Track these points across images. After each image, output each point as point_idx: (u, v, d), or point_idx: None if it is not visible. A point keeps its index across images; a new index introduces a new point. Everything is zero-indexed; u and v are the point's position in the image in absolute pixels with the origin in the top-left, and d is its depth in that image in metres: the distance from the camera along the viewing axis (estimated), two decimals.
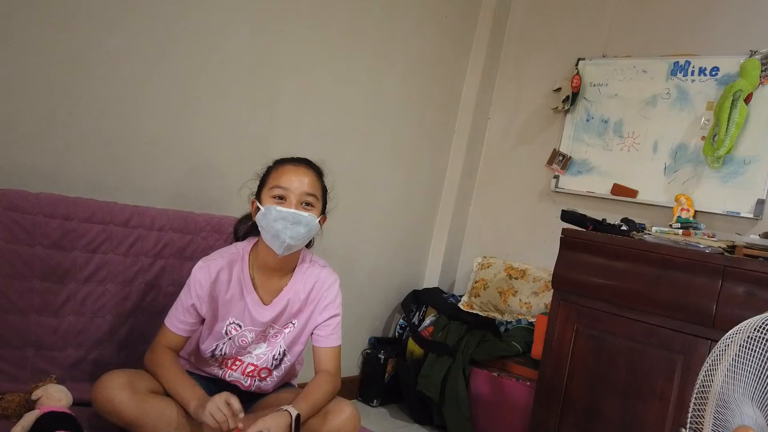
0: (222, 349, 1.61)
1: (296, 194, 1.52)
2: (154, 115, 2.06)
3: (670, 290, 2.06)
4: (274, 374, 1.66)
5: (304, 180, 1.54)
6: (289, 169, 1.55)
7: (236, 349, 1.61)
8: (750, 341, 1.27)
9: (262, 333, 1.62)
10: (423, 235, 3.28)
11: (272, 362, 1.64)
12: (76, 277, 1.69)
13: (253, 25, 2.30)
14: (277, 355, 1.64)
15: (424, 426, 2.82)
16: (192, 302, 1.56)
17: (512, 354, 2.67)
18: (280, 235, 1.49)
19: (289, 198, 1.51)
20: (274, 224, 1.49)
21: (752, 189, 2.48)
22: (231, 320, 1.59)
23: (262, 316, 1.60)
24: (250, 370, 1.63)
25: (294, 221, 1.50)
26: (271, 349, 1.64)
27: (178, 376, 1.50)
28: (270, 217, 1.50)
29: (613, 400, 2.13)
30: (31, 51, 1.77)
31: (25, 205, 1.60)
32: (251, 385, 1.64)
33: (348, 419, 1.51)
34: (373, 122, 2.87)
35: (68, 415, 1.38)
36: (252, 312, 1.59)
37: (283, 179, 1.53)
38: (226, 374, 1.63)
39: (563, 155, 3.01)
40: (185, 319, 1.57)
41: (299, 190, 1.52)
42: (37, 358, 1.61)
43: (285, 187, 1.52)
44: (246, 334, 1.61)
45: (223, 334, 1.60)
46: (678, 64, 2.72)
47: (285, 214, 1.49)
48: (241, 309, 1.59)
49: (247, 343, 1.62)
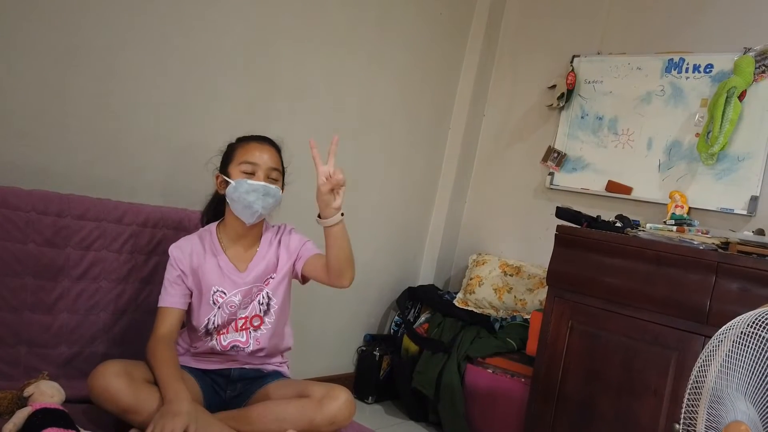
0: (214, 321, 1.65)
1: (263, 169, 1.65)
2: (148, 111, 2.05)
3: (664, 287, 2.06)
4: (266, 321, 1.70)
5: (270, 156, 1.68)
6: (255, 146, 1.68)
7: (227, 317, 1.66)
8: (743, 337, 1.28)
9: (248, 293, 1.68)
10: (418, 232, 3.28)
11: (259, 308, 1.70)
12: (70, 275, 1.68)
13: (248, 22, 2.29)
14: (262, 300, 1.70)
15: (419, 423, 2.82)
16: (177, 274, 1.64)
17: (507, 351, 2.68)
18: (253, 206, 1.62)
19: (258, 172, 1.64)
20: (246, 196, 1.61)
21: (746, 186, 2.49)
22: (215, 288, 1.66)
23: (242, 279, 1.68)
24: (242, 324, 1.68)
25: (265, 193, 1.63)
26: (257, 300, 1.71)
27: (166, 369, 1.50)
28: (241, 189, 1.61)
29: (608, 396, 2.14)
30: (24, 48, 1.76)
31: (18, 202, 1.60)
32: (248, 341, 1.68)
33: (343, 405, 1.53)
34: (368, 119, 2.86)
35: (61, 412, 1.37)
36: (231, 277, 1.67)
37: (250, 155, 1.65)
38: (221, 339, 1.66)
39: (558, 152, 3.02)
40: (176, 292, 1.64)
41: (266, 165, 1.65)
42: (30, 355, 1.60)
43: (253, 162, 1.64)
44: (232, 299, 1.66)
45: (211, 304, 1.65)
46: (672, 61, 2.73)
47: (256, 186, 1.62)
48: (220, 275, 1.66)
49: (236, 307, 1.66)
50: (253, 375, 1.71)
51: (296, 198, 2.01)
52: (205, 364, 1.68)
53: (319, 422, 1.51)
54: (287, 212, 1.95)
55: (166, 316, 1.62)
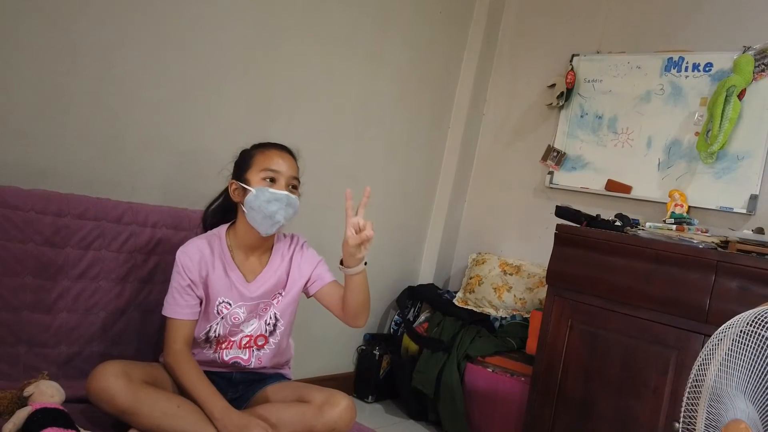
0: (216, 330, 1.63)
1: (285, 177, 1.60)
2: (147, 110, 2.05)
3: (663, 285, 2.06)
4: (271, 341, 1.68)
5: (291, 164, 1.62)
6: (276, 153, 1.62)
7: (229, 329, 1.64)
8: (743, 335, 1.28)
9: (254, 308, 1.65)
10: (418, 232, 3.28)
11: (265, 328, 1.67)
12: (69, 274, 1.68)
13: (248, 21, 2.29)
14: (269, 320, 1.67)
15: (419, 422, 2.83)
16: (187, 283, 1.58)
17: (507, 350, 2.68)
18: (275, 216, 1.56)
19: (280, 180, 1.59)
20: (267, 206, 1.55)
21: (745, 184, 2.49)
22: (221, 299, 1.62)
23: (250, 292, 1.64)
24: (246, 342, 1.66)
25: (287, 203, 1.58)
26: (264, 320, 1.68)
27: (199, 378, 1.52)
28: (263, 198, 1.56)
29: (608, 394, 2.14)
30: (23, 47, 1.75)
31: (17, 201, 1.59)
32: (250, 359, 1.66)
33: (343, 411, 1.52)
34: (367, 119, 2.86)
35: (61, 411, 1.37)
36: (239, 288, 1.63)
37: (272, 162, 1.60)
38: (223, 354, 1.64)
39: (557, 151, 3.02)
40: (187, 302, 1.59)
41: (288, 173, 1.60)
42: (30, 355, 1.60)
43: (275, 170, 1.59)
44: (237, 312, 1.63)
45: (215, 314, 1.62)
46: (672, 59, 2.73)
47: (279, 196, 1.57)
48: (228, 286, 1.62)
49: (240, 320, 1.64)
50: (255, 378, 1.70)
51: None
52: (207, 366, 1.67)
53: (319, 429, 1.50)
54: None
55: (179, 328, 1.58)
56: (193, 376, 1.53)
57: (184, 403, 1.47)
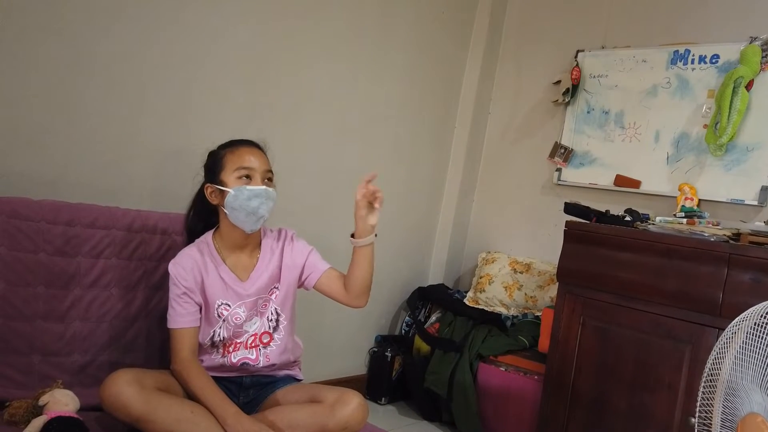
0: (220, 334, 1.64)
1: (260, 172, 1.62)
2: (154, 118, 2.07)
3: (675, 280, 2.05)
4: (276, 337, 1.69)
5: (262, 159, 1.65)
6: (246, 150, 1.64)
7: (233, 330, 1.65)
8: (757, 328, 1.27)
9: (253, 306, 1.66)
10: (426, 232, 3.28)
11: (269, 325, 1.69)
12: (81, 283, 1.69)
13: (251, 26, 2.30)
14: (271, 316, 1.69)
15: (433, 423, 2.82)
16: (183, 291, 1.60)
17: (519, 348, 2.67)
18: (258, 211, 1.59)
19: (255, 177, 1.61)
20: (248, 203, 1.57)
21: (756, 176, 2.46)
22: (219, 302, 1.64)
23: (245, 290, 1.66)
24: (251, 341, 1.67)
25: (267, 197, 1.60)
26: (266, 317, 1.69)
27: (209, 385, 1.54)
28: (243, 196, 1.57)
29: (621, 391, 2.13)
30: (30, 59, 1.77)
31: (28, 212, 1.61)
32: (258, 358, 1.67)
33: (356, 409, 1.53)
34: (373, 119, 2.86)
35: (76, 420, 1.38)
36: (235, 288, 1.65)
37: (245, 160, 1.61)
38: (231, 357, 1.66)
39: (565, 148, 3.00)
40: (186, 310, 1.60)
41: (262, 168, 1.62)
42: (44, 364, 1.61)
43: (249, 167, 1.61)
44: (238, 312, 1.65)
45: (217, 317, 1.64)
46: (678, 52, 2.71)
47: (258, 191, 1.59)
48: (223, 288, 1.64)
49: (241, 320, 1.65)
50: (266, 381, 1.71)
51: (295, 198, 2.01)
52: (217, 372, 1.68)
53: (332, 428, 1.50)
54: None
55: (183, 337, 1.59)
56: (202, 383, 1.53)
57: (198, 408, 1.48)
